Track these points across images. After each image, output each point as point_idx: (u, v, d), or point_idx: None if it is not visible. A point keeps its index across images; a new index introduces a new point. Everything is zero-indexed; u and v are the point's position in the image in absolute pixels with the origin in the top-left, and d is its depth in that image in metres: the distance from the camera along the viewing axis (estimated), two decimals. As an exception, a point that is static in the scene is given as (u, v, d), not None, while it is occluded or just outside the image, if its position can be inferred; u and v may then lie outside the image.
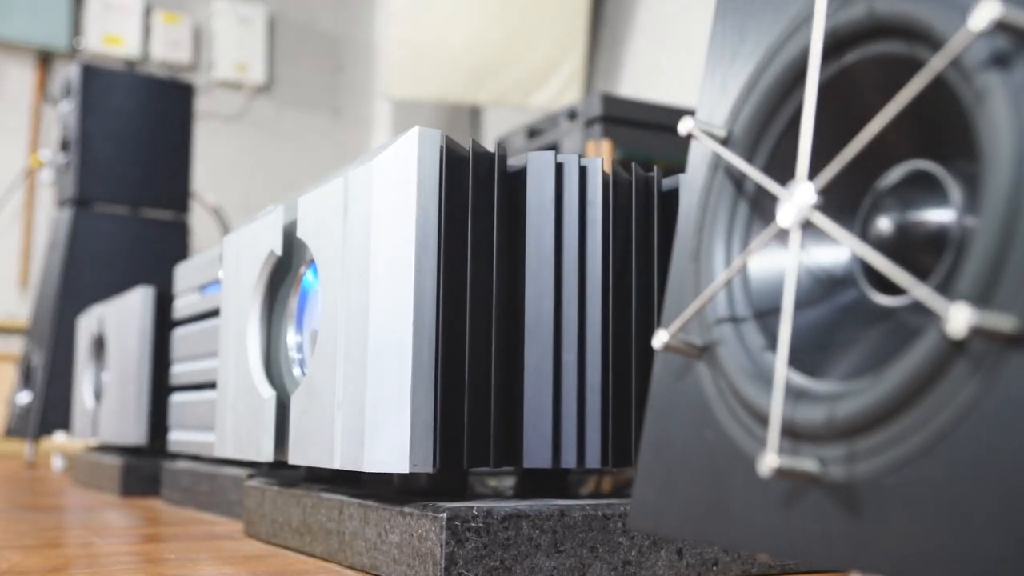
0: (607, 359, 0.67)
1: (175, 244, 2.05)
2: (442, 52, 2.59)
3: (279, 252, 0.78)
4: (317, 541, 0.73)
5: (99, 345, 1.49)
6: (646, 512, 0.45)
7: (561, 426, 0.66)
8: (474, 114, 3.19)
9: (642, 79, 2.40)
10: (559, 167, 0.67)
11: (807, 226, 0.39)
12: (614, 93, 2.23)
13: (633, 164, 0.70)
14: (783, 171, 0.42)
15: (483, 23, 2.54)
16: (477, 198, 0.65)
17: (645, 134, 1.59)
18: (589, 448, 0.66)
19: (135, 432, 1.27)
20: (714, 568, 0.65)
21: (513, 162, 0.68)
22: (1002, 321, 0.31)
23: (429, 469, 0.62)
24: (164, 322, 1.29)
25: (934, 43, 0.36)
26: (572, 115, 1.66)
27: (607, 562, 0.62)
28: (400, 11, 2.66)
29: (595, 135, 1.58)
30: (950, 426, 0.33)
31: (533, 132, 1.81)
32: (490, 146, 0.66)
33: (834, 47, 0.40)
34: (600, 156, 1.30)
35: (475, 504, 0.60)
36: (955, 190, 0.38)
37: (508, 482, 0.86)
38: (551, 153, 0.67)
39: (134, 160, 2.05)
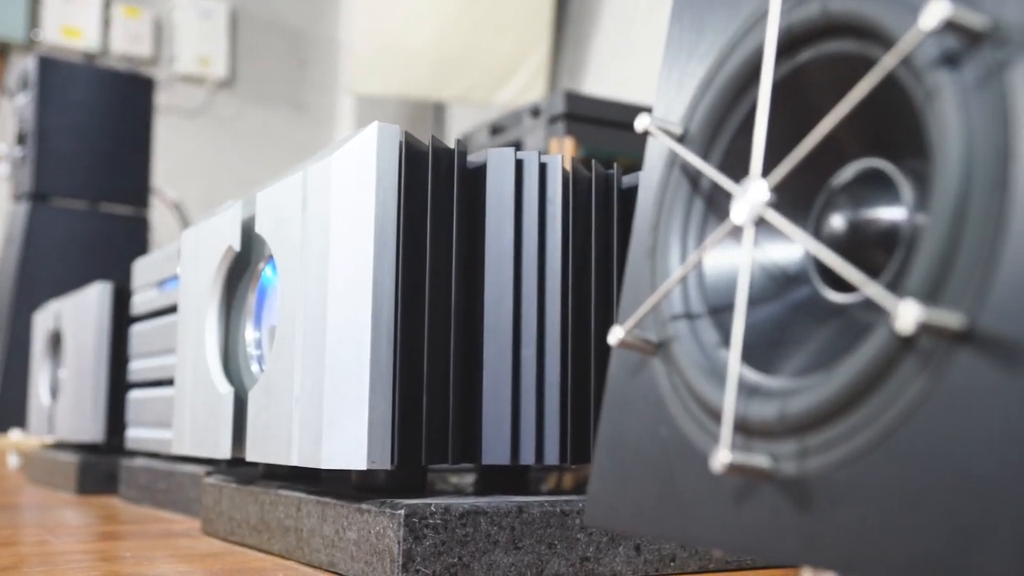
0: (566, 356, 0.67)
1: (134, 240, 2.03)
2: (406, 48, 2.58)
3: (237, 248, 0.78)
4: (275, 538, 0.73)
5: (56, 341, 1.47)
6: (601, 508, 0.45)
7: (520, 423, 0.66)
8: (438, 111, 3.18)
9: (606, 77, 2.41)
10: (519, 164, 0.67)
11: (761, 223, 0.39)
12: (578, 91, 2.24)
13: (593, 161, 0.70)
14: (738, 168, 0.42)
15: (447, 19, 2.53)
16: (436, 194, 0.65)
17: (608, 132, 1.60)
18: (548, 444, 0.66)
19: (92, 429, 1.26)
20: (672, 564, 0.65)
21: (473, 159, 0.68)
22: (950, 318, 0.32)
23: (387, 466, 0.62)
24: (122, 318, 1.28)
25: (886, 42, 0.36)
26: (535, 112, 1.66)
27: (565, 558, 0.62)
28: (364, 6, 2.65)
29: (558, 132, 1.58)
30: (898, 422, 0.33)
31: (496, 129, 1.81)
32: (454, 143, 0.67)
33: (788, 46, 0.41)
34: (562, 153, 1.31)
35: (433, 501, 0.60)
36: (906, 188, 0.39)
37: (469, 479, 0.86)
38: (511, 150, 0.67)
39: (93, 154, 2.02)
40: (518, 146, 1.66)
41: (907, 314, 0.31)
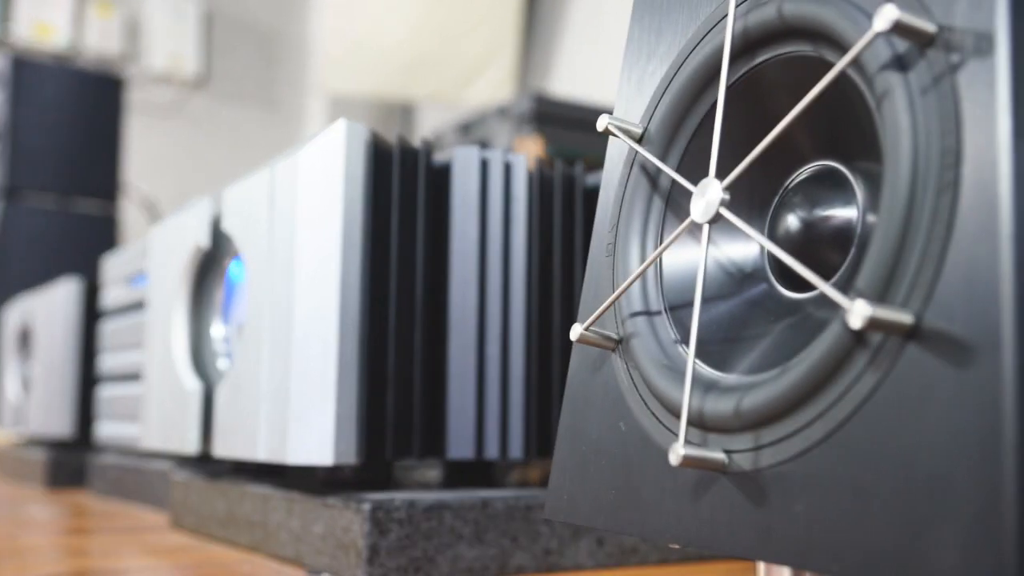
0: (530, 352, 0.68)
1: (105, 237, 2.03)
2: (376, 48, 2.58)
3: (205, 245, 0.78)
4: (242, 533, 0.73)
5: (25, 337, 1.46)
6: (561, 502, 0.46)
7: (484, 418, 0.66)
8: (408, 110, 3.18)
9: (575, 77, 2.42)
10: (484, 163, 0.68)
11: (718, 222, 0.40)
12: (546, 91, 2.24)
13: (557, 160, 0.71)
14: (696, 168, 0.43)
15: (417, 19, 2.54)
16: (403, 192, 0.66)
17: (575, 131, 1.61)
18: (512, 439, 0.67)
19: (61, 425, 1.26)
20: (633, 556, 0.66)
21: (439, 157, 0.69)
22: (899, 315, 0.32)
23: (353, 461, 0.62)
24: (92, 314, 1.28)
25: (839, 45, 0.37)
26: (503, 112, 1.67)
27: (528, 551, 0.63)
28: (335, 6, 2.64)
29: (526, 132, 1.59)
30: (849, 416, 0.34)
31: (465, 129, 1.82)
32: (420, 142, 0.67)
33: (745, 48, 0.41)
34: (526, 153, 1.31)
35: (398, 495, 0.61)
36: (859, 189, 0.39)
37: (436, 473, 0.87)
38: (476, 149, 0.68)
39: (64, 152, 2.02)
40: (485, 145, 1.67)
41: (857, 311, 0.32)
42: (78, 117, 2.04)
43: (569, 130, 1.62)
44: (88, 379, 1.26)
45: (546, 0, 2.56)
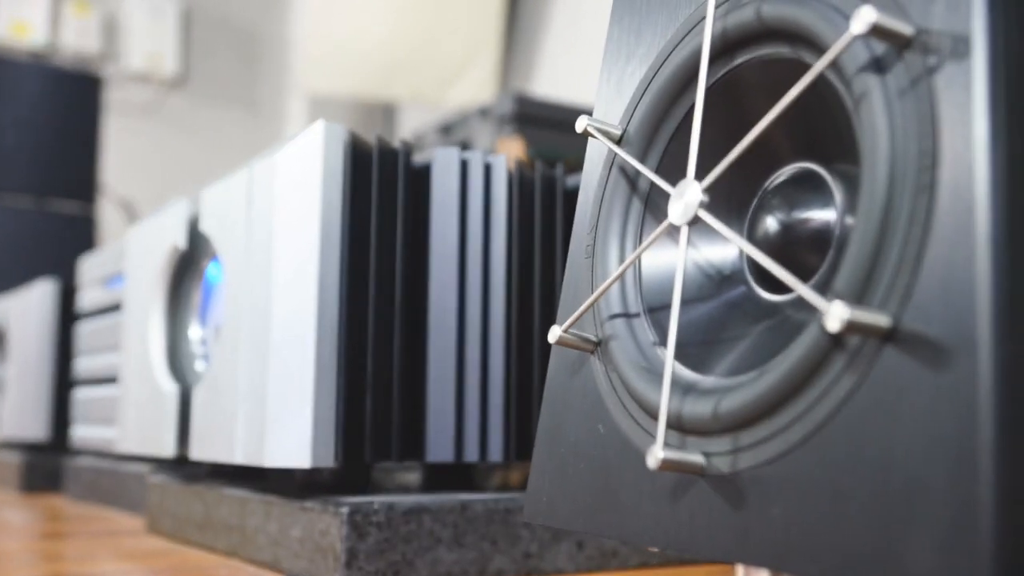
0: (510, 354, 0.67)
1: (82, 238, 2.01)
2: (357, 48, 2.57)
3: (182, 246, 0.78)
4: (219, 537, 0.73)
5: (0, 339, 1.45)
6: (540, 505, 0.45)
7: (464, 420, 0.66)
8: (390, 110, 3.18)
9: (557, 78, 2.42)
10: (464, 164, 0.68)
11: (697, 224, 0.40)
12: (527, 92, 2.24)
13: (537, 162, 0.70)
14: (675, 170, 0.43)
15: (399, 20, 2.53)
16: (382, 193, 0.65)
17: (557, 133, 1.60)
18: (492, 442, 0.67)
19: (37, 428, 1.25)
20: (614, 559, 0.65)
21: (419, 158, 0.68)
22: (876, 318, 0.32)
23: (331, 464, 0.62)
24: (68, 316, 1.27)
25: (817, 47, 0.37)
26: (484, 113, 1.67)
27: (508, 555, 0.62)
28: (316, 6, 2.64)
29: (507, 133, 1.59)
30: (826, 419, 0.34)
31: (446, 129, 1.82)
32: (399, 142, 0.67)
33: (724, 50, 0.41)
34: (507, 154, 1.31)
35: (377, 498, 0.60)
36: (837, 191, 0.39)
37: (416, 476, 0.86)
38: (455, 150, 0.67)
39: (41, 152, 2.00)
40: (467, 146, 1.67)
41: (834, 314, 0.32)
42: (55, 116, 2.02)
43: (551, 131, 1.62)
44: (64, 381, 1.25)
45: (528, 1, 2.56)
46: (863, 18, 0.33)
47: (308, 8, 2.71)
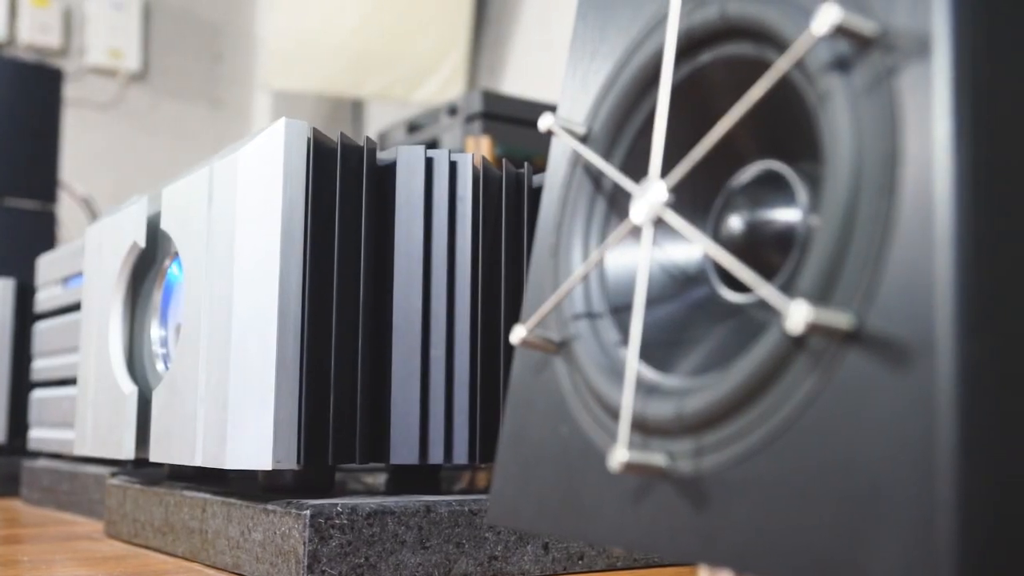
0: (475, 355, 0.67)
1: (41, 235, 1.98)
2: (324, 44, 2.56)
3: (142, 244, 0.77)
4: (179, 540, 0.72)
5: (-41, 339, 1.43)
6: (504, 507, 0.45)
7: (428, 422, 0.65)
8: (357, 107, 3.16)
9: (526, 76, 2.41)
10: (429, 162, 0.67)
11: (660, 223, 0.40)
12: (496, 89, 2.24)
13: (503, 160, 0.70)
14: (640, 168, 0.43)
15: (366, 16, 2.52)
16: (345, 191, 0.65)
17: (525, 131, 1.60)
18: (456, 444, 0.66)
19: (-5, 429, 1.23)
20: (580, 562, 0.65)
21: (383, 156, 0.68)
22: (839, 318, 0.32)
23: (293, 466, 0.61)
24: (26, 316, 1.25)
25: (780, 45, 0.37)
26: (452, 111, 1.66)
27: (473, 557, 0.62)
28: (282, 1, 2.62)
29: (475, 131, 1.58)
30: (790, 420, 0.34)
31: (414, 127, 1.81)
32: (364, 140, 0.66)
33: (688, 48, 0.41)
34: (476, 152, 1.30)
35: (340, 501, 0.60)
36: (801, 190, 0.39)
37: (383, 478, 0.86)
38: (420, 148, 0.67)
39: (-2, 147, 1.97)
40: (434, 144, 1.66)
41: (797, 314, 0.32)
42: (13, 111, 1.99)
43: (519, 129, 1.61)
44: (22, 383, 1.23)
45: (495, -1, 2.56)
46: (826, 17, 0.33)
47: (274, 3, 2.69)
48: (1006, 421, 0.30)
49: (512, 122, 1.62)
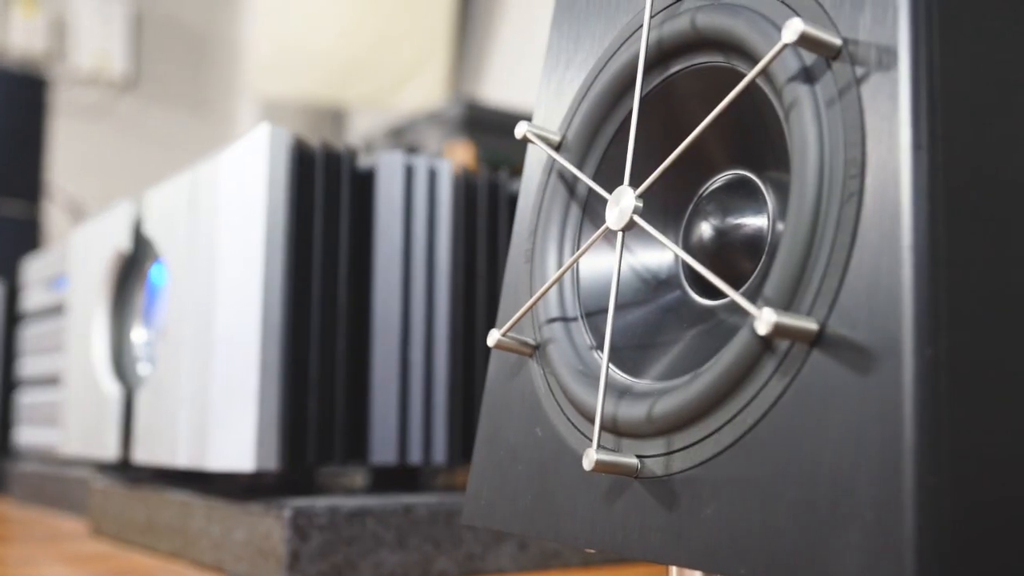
0: (454, 357, 0.68)
1: (28, 240, 1.99)
2: (308, 51, 2.56)
3: (126, 248, 0.77)
4: (162, 540, 0.72)
5: (-57, 342, 1.43)
6: (479, 507, 0.46)
7: (408, 423, 0.66)
8: (340, 114, 3.17)
9: (508, 82, 2.42)
10: (409, 168, 0.68)
11: (633, 229, 0.41)
12: (478, 96, 2.25)
13: (482, 166, 0.71)
14: (614, 176, 0.44)
15: (349, 23, 2.52)
16: (326, 197, 0.65)
17: (506, 138, 1.61)
18: (435, 445, 0.67)
19: (-21, 432, 1.23)
20: (555, 560, 0.66)
21: (364, 162, 0.69)
22: (804, 322, 0.33)
23: (274, 467, 0.62)
24: (12, 318, 1.25)
25: (750, 56, 0.38)
26: (434, 117, 1.67)
27: (451, 556, 0.63)
28: (266, 9, 2.62)
29: (457, 138, 1.59)
30: (757, 422, 0.34)
31: (396, 133, 1.82)
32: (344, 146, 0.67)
33: (660, 58, 0.42)
34: (456, 159, 1.31)
35: (320, 501, 0.60)
36: (770, 197, 0.40)
37: (363, 478, 0.86)
38: (400, 154, 0.68)
39: (-15, 152, 1.97)
40: (416, 150, 1.67)
41: (763, 319, 0.33)
42: (0, 117, 1.99)
43: (500, 136, 1.62)
44: (7, 383, 1.24)
45: (478, 6, 2.56)
46: (792, 28, 0.34)
47: (258, 11, 2.70)
48: (966, 423, 0.31)
49: (493, 129, 1.63)
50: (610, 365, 0.41)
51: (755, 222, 0.40)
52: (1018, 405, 0.32)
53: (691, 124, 0.40)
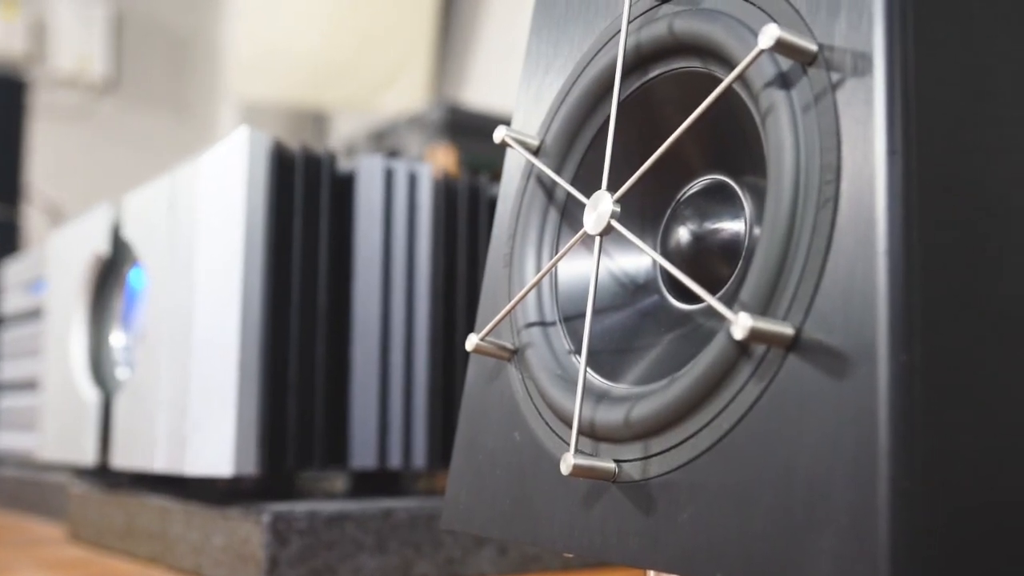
0: (434, 361, 0.68)
1: (7, 243, 1.98)
2: (289, 54, 2.56)
3: (104, 252, 0.77)
4: (141, 545, 0.72)
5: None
6: (457, 512, 0.46)
7: (387, 427, 0.66)
8: (321, 118, 3.16)
9: (490, 85, 2.42)
10: (389, 172, 0.68)
11: (611, 234, 0.41)
12: (460, 99, 2.25)
13: (463, 170, 0.71)
14: (592, 181, 0.44)
15: (331, 26, 2.52)
16: (306, 201, 0.65)
17: (488, 142, 1.61)
18: (415, 449, 0.67)
19: (-43, 436, 1.23)
20: (535, 564, 0.66)
21: (344, 166, 0.68)
22: (780, 327, 0.33)
23: (253, 472, 0.61)
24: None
25: (726, 61, 0.38)
26: (416, 121, 1.67)
27: (431, 560, 0.63)
28: (247, 12, 2.62)
29: (438, 141, 1.59)
30: (733, 426, 0.35)
31: (377, 137, 1.81)
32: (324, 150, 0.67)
33: (638, 63, 0.42)
34: (438, 163, 1.31)
35: (299, 505, 0.60)
36: (747, 202, 0.40)
37: (343, 483, 0.86)
38: (380, 158, 0.68)
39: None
40: (397, 154, 1.67)
41: (739, 323, 0.33)
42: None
43: (482, 140, 1.62)
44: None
45: (460, 10, 2.57)
46: (769, 34, 0.34)
47: (240, 14, 2.69)
48: (941, 428, 0.31)
49: (475, 132, 1.63)
50: (588, 369, 0.41)
51: (732, 227, 0.41)
52: (992, 410, 0.32)
53: (669, 129, 0.40)
